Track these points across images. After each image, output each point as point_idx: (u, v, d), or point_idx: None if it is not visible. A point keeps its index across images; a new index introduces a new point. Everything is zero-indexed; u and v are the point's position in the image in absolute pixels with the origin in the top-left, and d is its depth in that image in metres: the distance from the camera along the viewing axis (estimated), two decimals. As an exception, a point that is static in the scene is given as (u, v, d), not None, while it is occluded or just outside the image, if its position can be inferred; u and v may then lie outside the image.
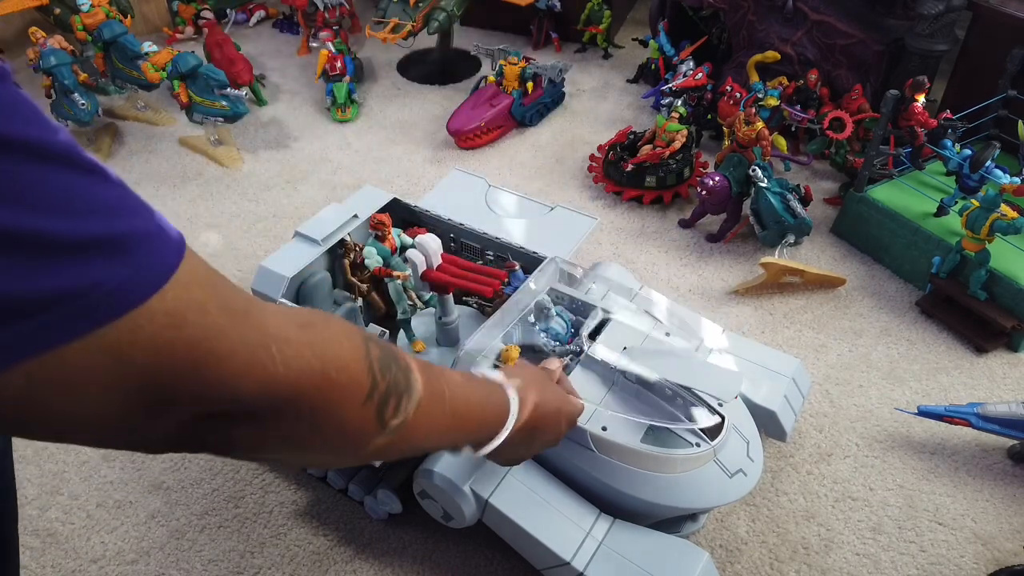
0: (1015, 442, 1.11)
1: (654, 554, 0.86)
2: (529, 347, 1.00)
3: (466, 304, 1.19)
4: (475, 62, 2.20)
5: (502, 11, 2.13)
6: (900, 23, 1.61)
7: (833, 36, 1.66)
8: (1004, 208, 1.22)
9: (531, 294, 1.03)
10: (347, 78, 1.93)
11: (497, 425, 0.58)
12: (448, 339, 1.12)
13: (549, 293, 1.07)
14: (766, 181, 1.42)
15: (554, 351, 1.00)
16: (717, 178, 1.44)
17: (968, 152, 1.34)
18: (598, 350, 0.95)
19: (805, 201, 1.44)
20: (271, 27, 2.42)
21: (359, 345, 0.41)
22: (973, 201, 1.27)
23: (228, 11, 2.35)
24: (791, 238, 1.42)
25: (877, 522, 1.04)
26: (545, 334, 1.02)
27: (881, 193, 1.46)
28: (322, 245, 1.16)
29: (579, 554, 0.85)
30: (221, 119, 1.73)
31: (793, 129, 1.72)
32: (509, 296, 1.03)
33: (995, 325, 1.26)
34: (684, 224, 1.58)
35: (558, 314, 1.05)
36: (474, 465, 0.90)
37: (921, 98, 1.44)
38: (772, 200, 1.40)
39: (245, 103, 1.71)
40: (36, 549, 1.03)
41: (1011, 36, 1.48)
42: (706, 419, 0.88)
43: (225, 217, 1.64)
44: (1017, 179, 1.28)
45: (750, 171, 1.43)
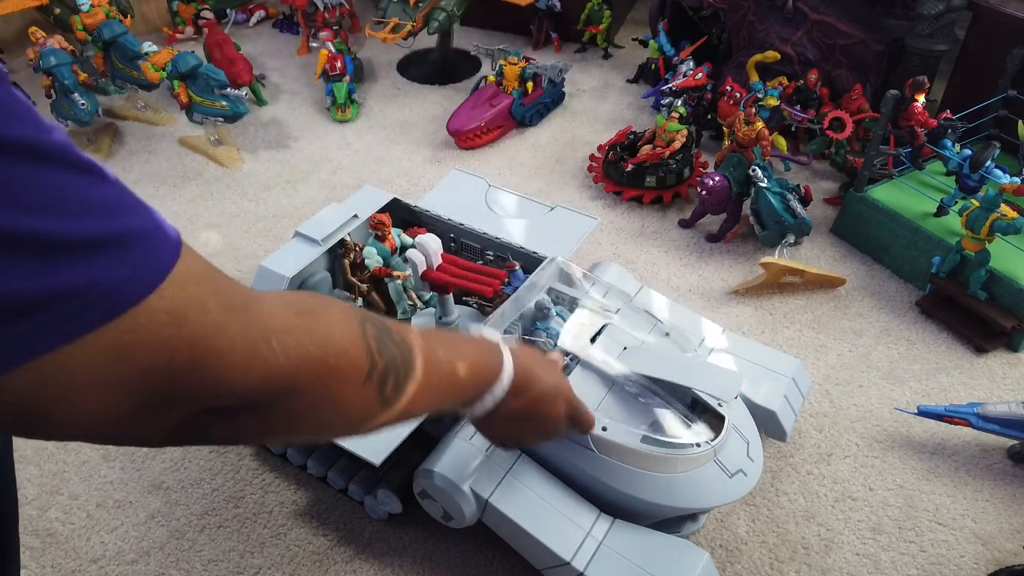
0: (1015, 442, 1.11)
1: (654, 554, 0.86)
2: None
3: (466, 304, 1.19)
4: (475, 62, 2.20)
5: (502, 11, 2.12)
6: (900, 23, 1.61)
7: (833, 36, 1.66)
8: (1004, 208, 1.22)
9: (531, 294, 1.03)
10: (347, 78, 1.93)
11: (492, 380, 0.58)
12: (448, 339, 1.12)
13: (549, 293, 1.07)
14: (766, 181, 1.42)
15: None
16: (717, 178, 1.44)
17: (968, 152, 1.34)
18: (597, 354, 0.95)
19: (805, 201, 1.44)
20: (271, 27, 2.41)
21: (356, 328, 0.42)
22: (973, 201, 1.27)
23: (228, 11, 2.35)
24: (791, 238, 1.42)
25: (877, 522, 1.04)
26: (545, 334, 1.02)
27: (881, 193, 1.46)
28: (322, 245, 1.16)
29: (579, 554, 0.85)
30: (221, 119, 1.73)
31: (793, 129, 1.72)
32: (509, 296, 1.03)
33: (995, 325, 1.26)
34: (684, 224, 1.58)
35: (558, 314, 1.05)
36: (474, 465, 0.90)
37: (921, 98, 1.44)
38: (772, 200, 1.40)
39: (245, 103, 1.71)
40: (36, 549, 1.03)
41: (1011, 36, 1.48)
42: (704, 433, 0.88)
43: (225, 217, 1.64)
44: (1017, 179, 1.28)
45: (750, 171, 1.43)
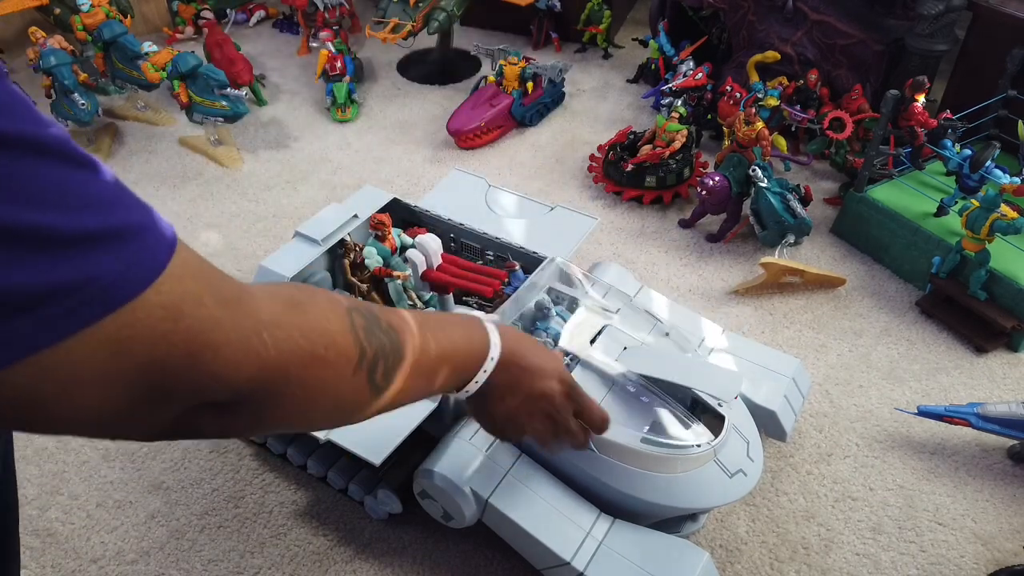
0: (1015, 442, 1.11)
1: (654, 554, 0.86)
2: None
3: (466, 304, 1.19)
4: (475, 62, 2.20)
5: (502, 11, 2.12)
6: (900, 23, 1.61)
7: (833, 36, 1.66)
8: (1004, 208, 1.22)
9: (531, 294, 1.03)
10: (347, 78, 1.93)
11: (481, 357, 0.58)
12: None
13: (549, 293, 1.07)
14: (766, 181, 1.42)
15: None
16: (717, 178, 1.44)
17: (968, 152, 1.34)
18: (597, 354, 0.95)
19: (805, 201, 1.44)
20: (271, 27, 2.41)
21: (344, 318, 0.43)
22: (973, 201, 1.27)
23: (228, 11, 2.35)
24: (791, 238, 1.42)
25: (877, 522, 1.04)
26: (545, 334, 1.02)
27: (881, 193, 1.46)
28: (322, 245, 1.16)
29: (579, 554, 0.85)
30: (221, 119, 1.73)
31: (793, 129, 1.72)
32: (509, 296, 1.03)
33: (995, 325, 1.26)
34: (684, 224, 1.58)
35: (558, 314, 1.05)
36: (474, 465, 0.90)
37: (921, 98, 1.44)
38: (772, 200, 1.40)
39: (245, 103, 1.71)
40: (36, 549, 1.03)
41: (1011, 36, 1.48)
42: (704, 433, 0.88)
43: (225, 217, 1.64)
44: (1017, 179, 1.28)
45: (750, 171, 1.43)
